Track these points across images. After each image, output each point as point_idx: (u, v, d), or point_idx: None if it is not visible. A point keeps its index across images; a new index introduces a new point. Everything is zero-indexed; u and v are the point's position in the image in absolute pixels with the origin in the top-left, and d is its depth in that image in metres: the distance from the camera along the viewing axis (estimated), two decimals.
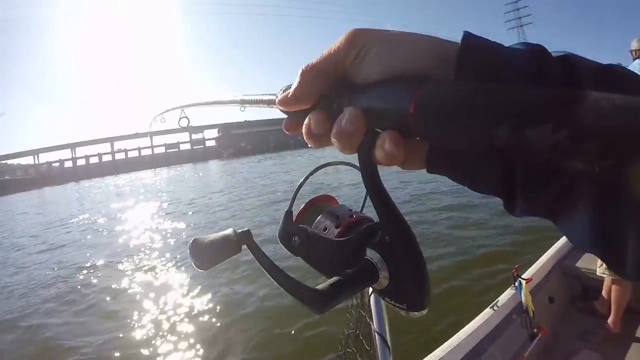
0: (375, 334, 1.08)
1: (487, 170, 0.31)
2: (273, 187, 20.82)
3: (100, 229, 13.73)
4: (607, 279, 2.96)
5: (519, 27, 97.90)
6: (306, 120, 0.37)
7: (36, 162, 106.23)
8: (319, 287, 0.41)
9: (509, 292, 2.80)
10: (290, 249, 0.54)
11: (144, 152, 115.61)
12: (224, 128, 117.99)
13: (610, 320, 2.89)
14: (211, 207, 16.84)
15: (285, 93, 0.37)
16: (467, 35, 0.29)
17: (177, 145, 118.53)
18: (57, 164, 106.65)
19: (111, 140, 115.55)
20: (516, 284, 2.73)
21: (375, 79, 0.32)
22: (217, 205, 17.53)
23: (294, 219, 0.55)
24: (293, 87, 0.36)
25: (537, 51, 0.28)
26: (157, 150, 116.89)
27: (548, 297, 3.13)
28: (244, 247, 0.44)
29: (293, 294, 0.41)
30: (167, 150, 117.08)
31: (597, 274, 3.01)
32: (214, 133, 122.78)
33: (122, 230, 12.88)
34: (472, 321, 2.52)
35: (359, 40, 0.32)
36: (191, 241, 0.43)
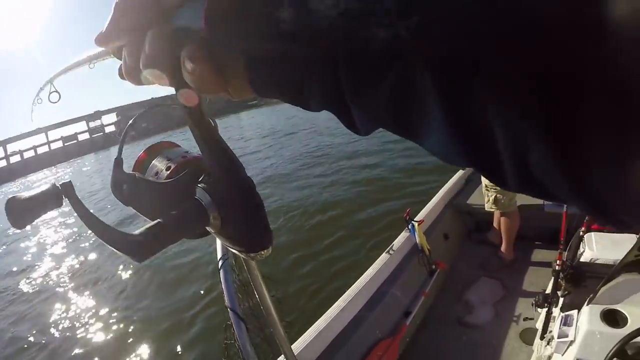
0: (228, 309, 1.07)
1: (311, 79, 0.27)
2: None
3: None
4: (496, 212, 3.12)
5: None
6: (123, 57, 0.36)
7: None
8: (138, 231, 0.38)
9: (403, 235, 2.96)
10: (121, 199, 0.53)
11: (41, 150, 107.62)
12: (123, 110, 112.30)
13: (502, 248, 3.14)
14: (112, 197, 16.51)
15: (100, 30, 0.34)
16: None
17: (74, 136, 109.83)
18: None
19: (3, 143, 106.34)
20: (409, 227, 2.90)
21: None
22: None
23: (130, 169, 0.54)
24: (107, 20, 0.33)
25: None
26: (54, 145, 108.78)
27: (443, 234, 3.37)
28: (65, 200, 0.42)
29: (112, 244, 0.39)
30: (65, 144, 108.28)
31: (486, 209, 3.13)
32: (112, 118, 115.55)
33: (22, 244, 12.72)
34: (370, 267, 2.63)
35: None
36: (7, 200, 0.41)
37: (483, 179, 2.99)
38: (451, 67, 0.19)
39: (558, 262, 2.22)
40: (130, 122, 0.57)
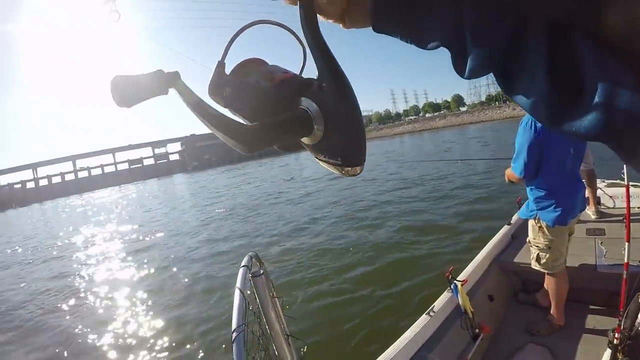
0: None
1: (437, 20, 0.29)
2: (235, 197, 22.52)
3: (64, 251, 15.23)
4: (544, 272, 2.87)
5: None
6: None
7: None
8: (250, 124, 0.41)
9: (445, 296, 2.77)
10: (220, 101, 0.54)
11: (107, 169, 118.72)
12: (188, 141, 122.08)
13: (552, 311, 2.89)
14: (178, 218, 18.74)
15: None
16: None
17: (140, 160, 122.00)
18: (19, 186, 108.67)
19: (72, 158, 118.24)
20: (451, 286, 2.71)
21: None
22: (184, 214, 19.90)
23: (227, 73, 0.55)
24: None
25: None
26: (121, 167, 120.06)
27: (487, 295, 3.14)
28: (172, 89, 0.45)
29: (223, 130, 0.41)
30: (131, 166, 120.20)
31: (532, 266, 2.89)
32: (177, 147, 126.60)
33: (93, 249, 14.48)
34: (409, 329, 2.44)
35: None
36: (112, 78, 0.42)
37: (529, 233, 2.86)
38: (562, 24, 0.22)
39: (616, 334, 2.09)
40: (234, 34, 0.55)
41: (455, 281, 2.68)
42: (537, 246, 2.78)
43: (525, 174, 2.59)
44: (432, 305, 2.66)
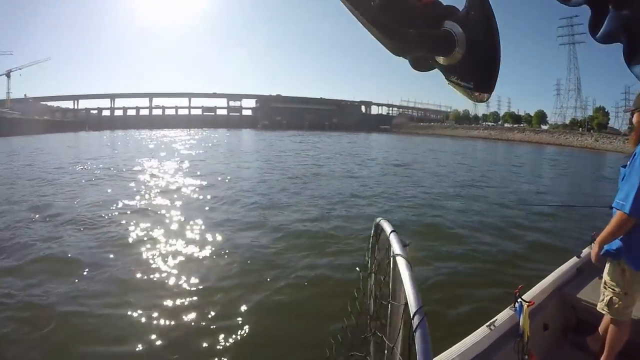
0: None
1: None
2: (298, 159, 24.72)
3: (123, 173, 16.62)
4: (607, 316, 2.74)
5: (571, 44, 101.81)
6: None
7: (76, 107, 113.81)
8: (401, 29, 0.44)
9: (507, 313, 2.69)
10: (366, 10, 0.53)
11: (181, 112, 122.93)
12: (263, 100, 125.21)
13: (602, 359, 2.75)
14: (239, 167, 20.21)
15: None
16: None
17: (214, 109, 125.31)
18: (95, 112, 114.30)
19: (150, 95, 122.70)
20: (516, 305, 2.60)
21: None
22: (244, 164, 21.25)
23: None
24: None
25: None
26: (194, 112, 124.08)
27: (543, 323, 3.05)
28: None
29: (378, 27, 0.43)
30: (204, 113, 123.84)
31: (598, 308, 2.74)
32: (251, 103, 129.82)
33: (153, 176, 15.84)
34: (467, 338, 2.41)
35: None
36: None
37: (605, 273, 2.73)
38: None
39: None
40: None
41: (522, 300, 2.52)
42: (613, 290, 2.63)
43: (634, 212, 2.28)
44: (494, 319, 2.59)
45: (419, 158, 29.69)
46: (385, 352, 1.34)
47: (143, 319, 4.81)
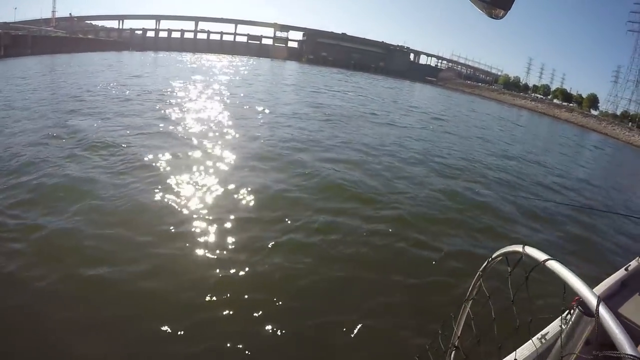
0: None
1: None
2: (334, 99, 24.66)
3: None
4: None
5: None
6: None
7: (121, 27, 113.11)
8: None
9: (556, 325, 2.54)
10: None
11: (226, 38, 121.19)
12: (310, 33, 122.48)
13: None
14: (278, 92, 22.38)
15: None
16: None
17: (259, 38, 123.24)
18: (139, 32, 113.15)
19: (196, 19, 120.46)
20: (569, 317, 2.29)
21: None
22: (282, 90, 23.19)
23: None
24: None
25: None
26: (239, 39, 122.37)
27: (586, 338, 2.93)
28: None
29: None
30: (249, 41, 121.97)
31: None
32: (299, 36, 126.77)
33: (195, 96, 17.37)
34: (518, 351, 2.28)
35: None
36: None
37: None
38: None
39: None
40: None
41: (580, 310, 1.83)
42: None
43: None
44: (545, 332, 2.51)
45: (461, 118, 28.99)
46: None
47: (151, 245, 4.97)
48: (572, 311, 1.96)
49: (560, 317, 2.13)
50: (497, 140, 19.22)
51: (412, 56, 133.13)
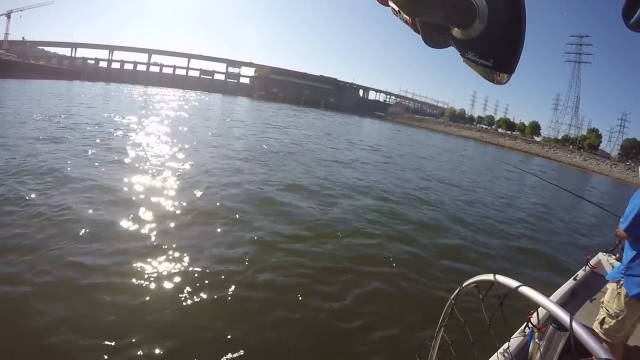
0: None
1: None
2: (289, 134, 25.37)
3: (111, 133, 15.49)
4: (600, 337, 2.71)
5: (577, 62, 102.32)
6: None
7: (73, 55, 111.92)
8: None
9: (518, 339, 2.62)
10: None
11: (178, 72, 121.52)
12: (262, 69, 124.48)
13: None
14: (226, 132, 21.23)
15: None
16: None
17: (212, 73, 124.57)
18: (92, 62, 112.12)
19: (149, 52, 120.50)
20: (528, 330, 2.49)
21: None
22: (232, 129, 22.40)
23: None
24: None
25: None
26: (192, 73, 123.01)
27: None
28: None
29: None
30: (201, 76, 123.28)
31: (593, 326, 2.79)
32: (250, 72, 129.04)
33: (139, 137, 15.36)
34: None
35: None
36: None
37: (606, 294, 2.78)
38: None
39: None
40: None
41: (534, 326, 2.07)
42: (607, 310, 2.74)
43: (629, 230, 2.66)
44: (507, 344, 2.43)
45: (407, 149, 30.29)
46: None
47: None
48: (529, 324, 2.15)
49: (520, 332, 2.55)
50: (443, 170, 19.98)
51: (361, 92, 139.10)
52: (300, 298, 4.94)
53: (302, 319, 4.50)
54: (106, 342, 3.64)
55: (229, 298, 4.70)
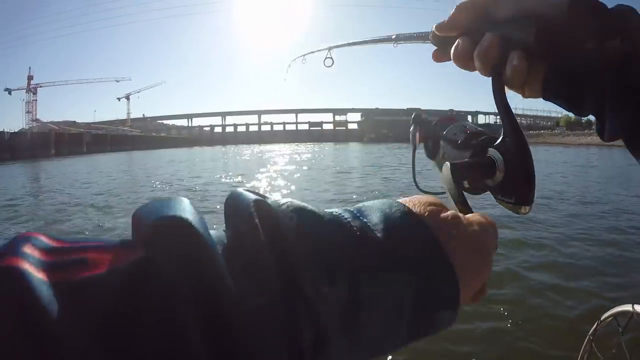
0: None
1: (589, 97, 0.45)
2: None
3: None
4: None
5: None
6: (455, 44, 0.50)
7: (189, 125, 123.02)
8: (450, 161, 0.53)
9: None
10: (428, 154, 0.66)
11: (288, 127, 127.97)
12: (368, 113, 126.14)
13: None
14: (345, 179, 19.61)
15: (441, 21, 0.51)
16: None
17: (320, 124, 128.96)
18: (207, 129, 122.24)
19: (259, 112, 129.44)
20: None
21: (508, 15, 0.46)
22: (349, 176, 20.78)
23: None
24: (449, 16, 0.49)
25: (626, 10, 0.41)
26: (301, 127, 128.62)
27: None
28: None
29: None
30: (311, 128, 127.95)
31: None
32: (357, 117, 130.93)
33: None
34: None
35: None
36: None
37: None
38: None
39: None
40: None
41: None
42: None
43: None
44: None
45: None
46: None
47: None
48: None
49: None
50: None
51: (470, 118, 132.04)
52: None
53: None
54: None
55: None
